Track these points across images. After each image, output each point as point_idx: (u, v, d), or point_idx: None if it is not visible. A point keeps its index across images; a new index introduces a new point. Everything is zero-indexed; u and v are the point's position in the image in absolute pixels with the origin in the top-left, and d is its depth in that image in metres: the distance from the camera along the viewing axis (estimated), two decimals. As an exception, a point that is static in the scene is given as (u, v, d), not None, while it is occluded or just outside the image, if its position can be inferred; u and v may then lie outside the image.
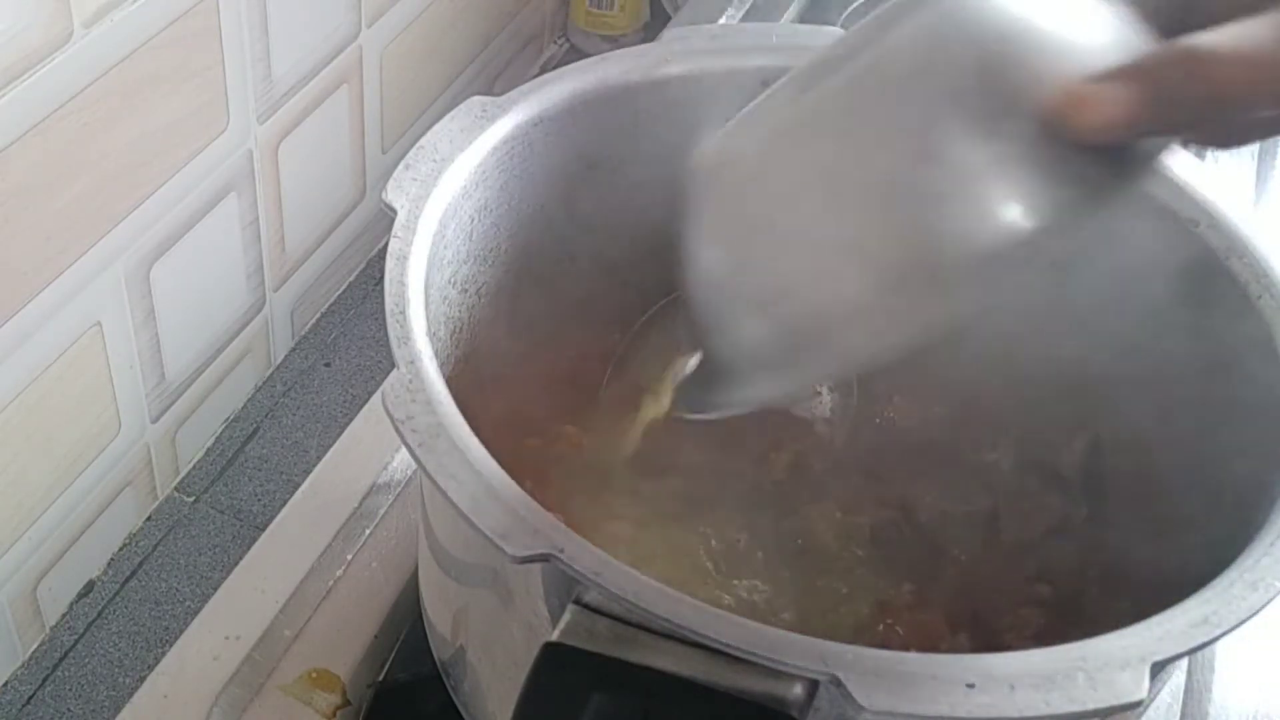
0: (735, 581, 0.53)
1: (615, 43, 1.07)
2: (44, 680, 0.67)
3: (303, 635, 0.60)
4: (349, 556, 0.63)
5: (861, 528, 0.55)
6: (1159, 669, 0.37)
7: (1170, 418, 0.53)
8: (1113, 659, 0.37)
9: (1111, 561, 0.54)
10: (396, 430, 0.40)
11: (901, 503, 0.57)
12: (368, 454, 0.68)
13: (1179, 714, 0.60)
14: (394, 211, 0.47)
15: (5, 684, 0.67)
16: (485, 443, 0.41)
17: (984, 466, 0.58)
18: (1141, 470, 0.55)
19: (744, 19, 0.96)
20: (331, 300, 0.87)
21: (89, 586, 0.71)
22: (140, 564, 0.72)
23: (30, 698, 0.66)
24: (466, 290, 0.53)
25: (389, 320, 0.44)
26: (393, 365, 0.42)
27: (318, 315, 0.86)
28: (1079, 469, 0.57)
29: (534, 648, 0.40)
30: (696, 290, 0.41)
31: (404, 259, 0.46)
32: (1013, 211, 0.34)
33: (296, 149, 0.76)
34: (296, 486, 0.67)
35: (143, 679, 0.59)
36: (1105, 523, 0.56)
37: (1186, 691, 0.61)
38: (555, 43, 1.09)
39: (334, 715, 0.58)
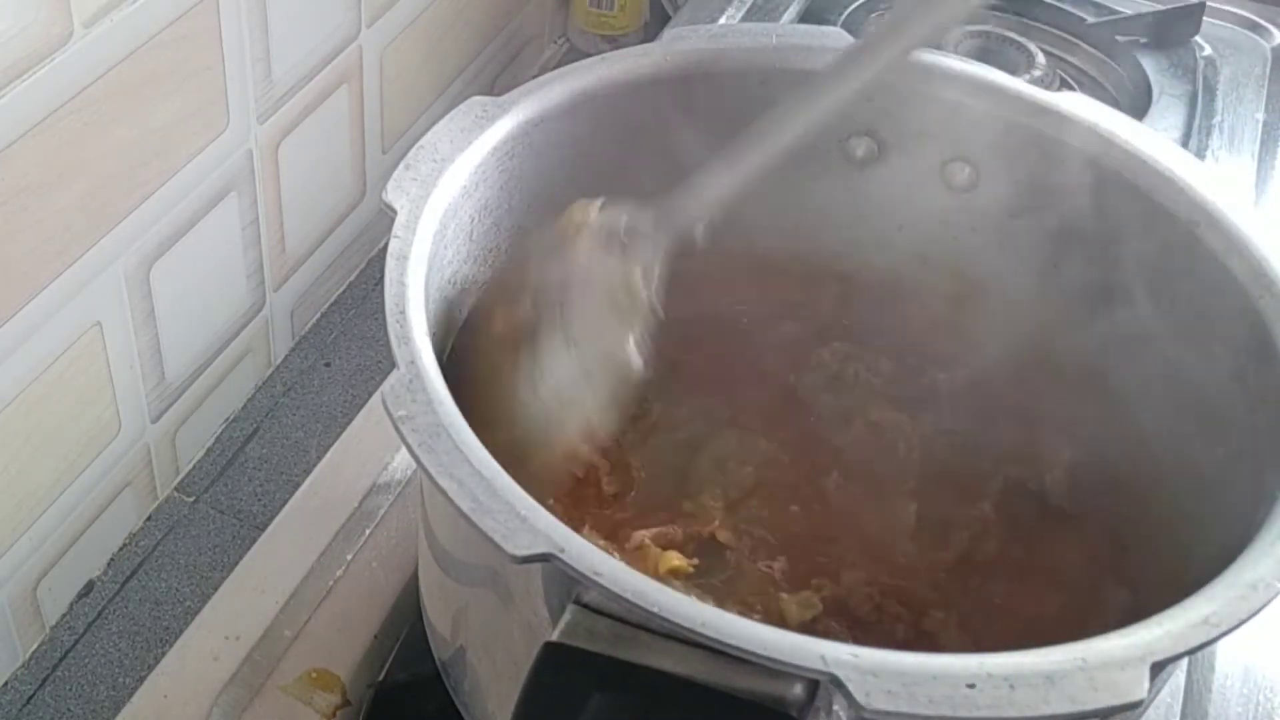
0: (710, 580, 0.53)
1: (615, 43, 1.07)
2: (44, 680, 0.67)
3: (303, 635, 0.60)
4: (349, 556, 0.63)
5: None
6: (1159, 669, 0.37)
7: (1171, 418, 0.54)
8: (1113, 659, 0.37)
9: (1112, 562, 0.54)
10: (396, 430, 0.40)
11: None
12: (368, 454, 0.68)
13: (1179, 714, 0.60)
14: (394, 211, 0.47)
15: (5, 684, 0.67)
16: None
17: (979, 478, 0.58)
18: (1142, 471, 0.55)
19: (744, 19, 0.96)
20: (331, 300, 0.87)
21: (89, 586, 0.71)
22: (140, 564, 0.72)
23: (30, 698, 0.66)
24: (467, 290, 0.53)
25: (389, 320, 0.44)
26: (393, 365, 0.42)
27: (318, 315, 0.86)
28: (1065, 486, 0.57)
29: (534, 648, 0.40)
30: None
31: (404, 259, 0.46)
32: None
33: (296, 149, 0.76)
34: (296, 486, 0.67)
35: (143, 679, 0.59)
36: (1106, 524, 0.56)
37: (1186, 691, 0.61)
38: (555, 43, 1.09)
39: (334, 715, 0.58)
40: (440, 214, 0.49)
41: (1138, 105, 0.89)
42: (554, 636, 0.39)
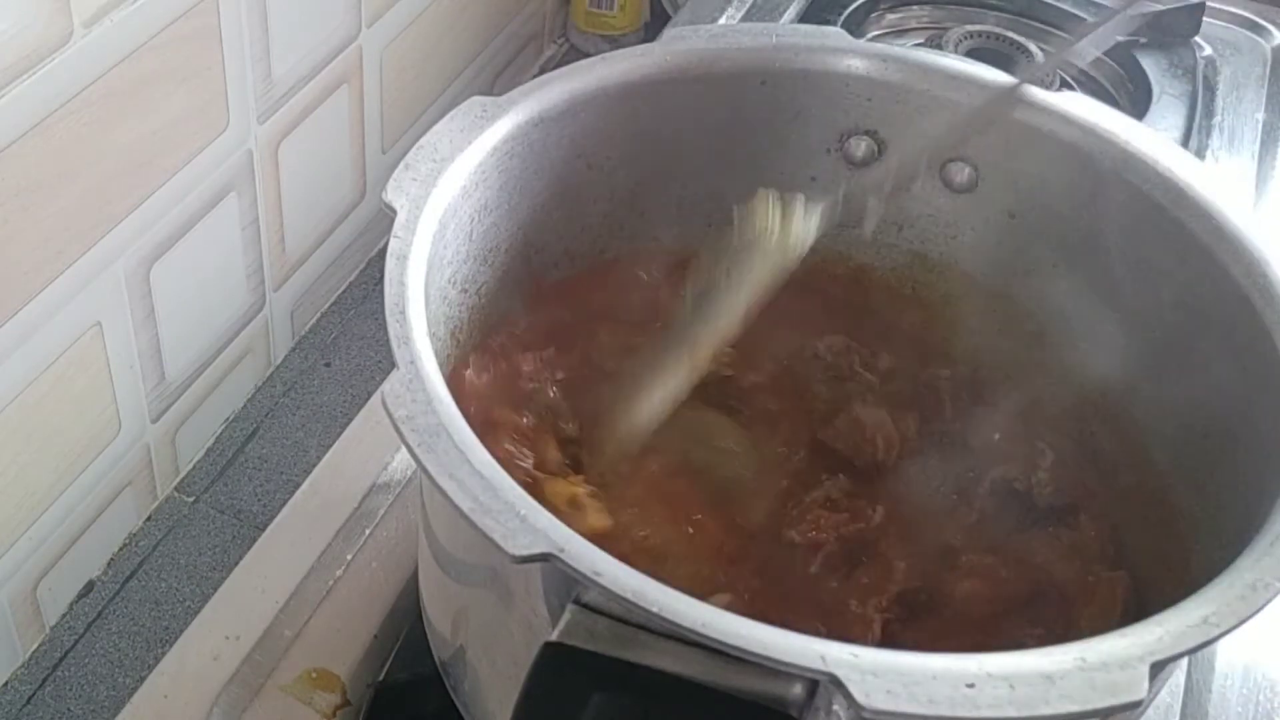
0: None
1: (615, 43, 1.07)
2: (44, 680, 0.67)
3: (303, 635, 0.60)
4: (349, 556, 0.63)
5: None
6: (1159, 669, 0.37)
7: (1170, 418, 0.54)
8: (1113, 659, 0.37)
9: (1112, 562, 0.54)
10: (396, 430, 0.40)
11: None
12: (368, 454, 0.68)
13: (1179, 714, 0.60)
14: (394, 211, 0.47)
15: (5, 684, 0.67)
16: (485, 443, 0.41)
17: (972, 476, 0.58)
18: (1142, 471, 0.55)
19: (744, 19, 0.96)
20: (331, 300, 0.87)
21: (89, 586, 0.71)
22: (140, 564, 0.72)
23: (30, 698, 0.66)
24: (466, 290, 0.53)
25: (389, 320, 0.44)
26: (393, 365, 0.42)
27: (318, 315, 0.86)
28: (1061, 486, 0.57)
29: (534, 648, 0.40)
30: None
31: (404, 259, 0.46)
32: None
33: (296, 149, 0.76)
34: (296, 486, 0.67)
35: (143, 679, 0.59)
36: (1106, 524, 0.56)
37: (1186, 691, 0.61)
38: (555, 43, 1.09)
39: (334, 715, 0.58)
40: (440, 214, 0.49)
41: (1138, 105, 0.89)
42: (554, 636, 0.39)
